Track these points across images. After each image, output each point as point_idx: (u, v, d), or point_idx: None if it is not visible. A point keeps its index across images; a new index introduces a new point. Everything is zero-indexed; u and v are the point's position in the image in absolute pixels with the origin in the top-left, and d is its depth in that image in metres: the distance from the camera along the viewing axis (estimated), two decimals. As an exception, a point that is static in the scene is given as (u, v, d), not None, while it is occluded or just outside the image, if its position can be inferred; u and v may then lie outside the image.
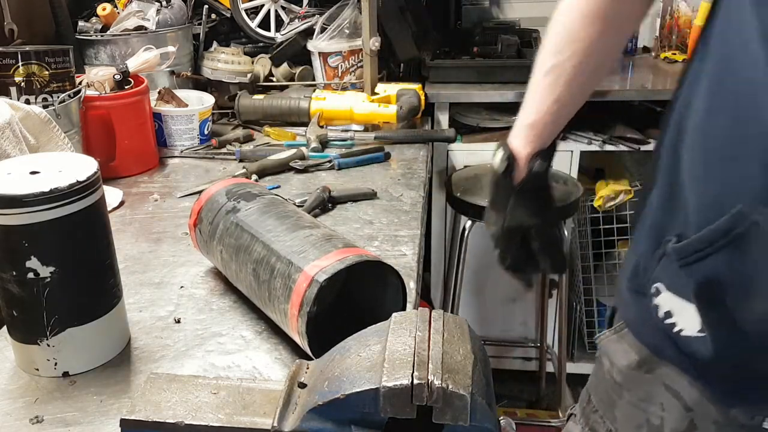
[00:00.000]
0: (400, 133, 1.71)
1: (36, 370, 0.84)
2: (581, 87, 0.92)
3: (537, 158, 0.94)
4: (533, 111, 0.93)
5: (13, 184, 0.76)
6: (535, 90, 0.93)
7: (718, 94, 0.72)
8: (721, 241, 0.70)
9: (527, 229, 0.96)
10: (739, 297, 0.72)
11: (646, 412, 0.91)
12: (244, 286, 0.94)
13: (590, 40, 0.88)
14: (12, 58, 1.32)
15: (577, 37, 0.88)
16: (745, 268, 0.70)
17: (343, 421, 0.57)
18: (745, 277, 0.70)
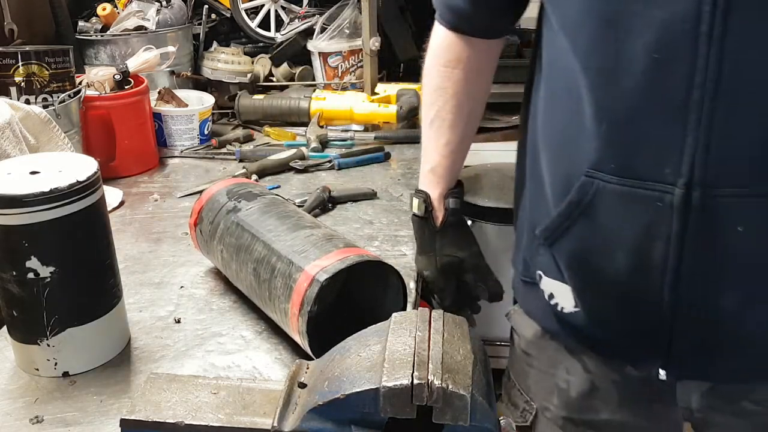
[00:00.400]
0: (400, 133, 1.71)
1: (36, 370, 0.84)
2: (464, 127, 1.02)
3: (449, 196, 1.03)
4: (430, 158, 1.04)
5: (13, 184, 0.76)
6: (427, 140, 1.05)
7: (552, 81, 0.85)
8: (575, 213, 0.80)
9: (459, 263, 1.02)
10: (597, 261, 0.81)
11: (554, 377, 0.99)
12: (244, 285, 0.94)
13: (455, 88, 1.00)
14: (12, 58, 1.32)
15: (443, 86, 1.01)
16: (596, 233, 0.79)
17: (343, 421, 0.57)
18: (599, 241, 0.80)
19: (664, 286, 0.77)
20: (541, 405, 1.01)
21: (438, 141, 1.03)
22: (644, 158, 0.73)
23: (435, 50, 1.02)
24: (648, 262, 0.77)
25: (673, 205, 0.72)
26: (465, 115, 1.02)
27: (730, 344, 0.80)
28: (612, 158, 0.74)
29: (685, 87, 0.68)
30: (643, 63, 0.69)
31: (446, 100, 1.01)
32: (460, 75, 1.00)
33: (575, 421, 0.98)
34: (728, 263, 0.74)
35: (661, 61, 0.68)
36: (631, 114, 0.72)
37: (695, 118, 0.68)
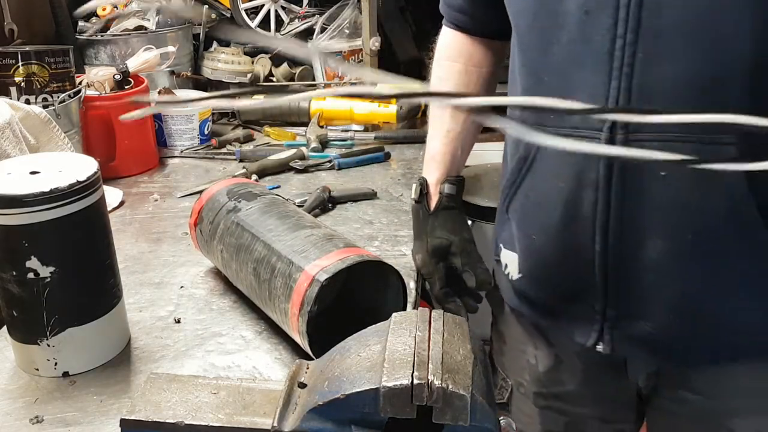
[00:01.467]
0: (400, 133, 1.71)
1: (36, 370, 0.84)
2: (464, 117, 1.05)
3: (445, 182, 1.05)
4: (431, 146, 1.08)
5: (13, 184, 0.76)
6: (431, 129, 1.08)
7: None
8: (523, 169, 0.87)
9: (448, 247, 1.02)
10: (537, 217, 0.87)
11: (525, 353, 1.04)
12: (244, 285, 0.94)
13: (455, 79, 1.05)
14: (12, 58, 1.32)
15: (444, 78, 1.06)
16: (538, 187, 0.86)
17: (343, 421, 0.57)
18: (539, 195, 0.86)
19: (595, 236, 0.81)
20: (515, 381, 1.06)
21: (440, 129, 1.05)
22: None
23: (439, 48, 1.08)
24: (580, 212, 0.81)
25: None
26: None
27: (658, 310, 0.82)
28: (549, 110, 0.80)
29: (610, 38, 0.74)
30: (576, 17, 0.76)
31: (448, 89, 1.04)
32: (460, 67, 1.05)
33: (544, 395, 1.03)
34: (652, 210, 0.77)
35: (591, 14, 0.75)
36: (566, 67, 0.78)
37: (618, 65, 0.74)
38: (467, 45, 1.04)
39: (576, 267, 0.85)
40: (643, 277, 0.81)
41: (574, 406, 1.02)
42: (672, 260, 0.79)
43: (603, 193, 0.79)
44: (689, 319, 0.82)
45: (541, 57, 0.81)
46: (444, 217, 1.04)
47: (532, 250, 0.90)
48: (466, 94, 0.43)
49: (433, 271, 1.02)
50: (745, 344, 0.84)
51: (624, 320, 0.85)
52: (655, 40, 0.72)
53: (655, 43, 0.72)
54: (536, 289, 0.93)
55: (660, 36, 0.72)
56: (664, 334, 0.83)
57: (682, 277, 0.80)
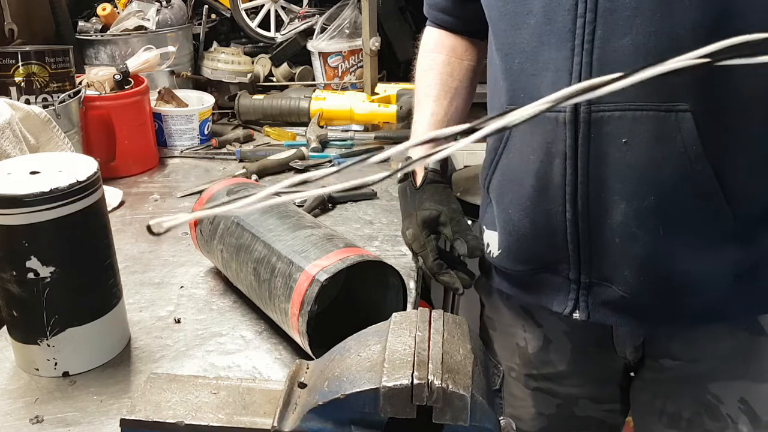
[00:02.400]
0: (400, 133, 1.71)
1: (36, 370, 0.84)
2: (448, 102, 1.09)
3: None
4: (415, 129, 1.11)
5: (13, 184, 0.76)
6: (416, 115, 1.12)
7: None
8: (500, 149, 0.92)
9: (437, 217, 1.02)
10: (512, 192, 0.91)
11: (514, 336, 1.06)
12: (244, 285, 0.94)
13: (438, 68, 1.10)
14: (12, 58, 1.32)
15: (428, 67, 1.12)
16: (512, 163, 0.91)
17: (343, 421, 0.57)
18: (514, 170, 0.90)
19: (565, 203, 0.85)
20: (506, 366, 1.07)
21: (423, 113, 1.09)
22: (545, 84, 0.83)
23: (424, 43, 1.15)
24: (550, 182, 0.86)
25: (565, 122, 0.82)
26: (449, 90, 1.09)
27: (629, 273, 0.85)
28: (521, 90, 0.87)
29: (571, 17, 0.80)
30: (542, 2, 0.82)
31: (431, 77, 1.10)
32: (443, 57, 1.10)
33: (535, 377, 1.06)
34: (615, 175, 0.81)
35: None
36: (534, 47, 0.84)
37: (579, 42, 0.80)
38: (450, 39, 1.11)
39: (549, 236, 0.88)
40: (610, 241, 0.84)
41: (564, 386, 1.04)
42: (636, 223, 0.82)
43: (570, 161, 0.83)
44: (656, 281, 0.85)
45: (511, 41, 0.87)
46: (431, 191, 1.05)
47: (509, 226, 0.94)
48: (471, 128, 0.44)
49: (425, 243, 1.01)
50: (709, 307, 0.87)
51: (596, 286, 0.88)
52: (611, 16, 0.77)
53: (612, 20, 0.77)
54: (514, 262, 0.96)
55: (615, 12, 0.77)
56: (635, 297, 0.86)
57: (645, 240, 0.83)
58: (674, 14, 0.75)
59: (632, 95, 0.78)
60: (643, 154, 0.79)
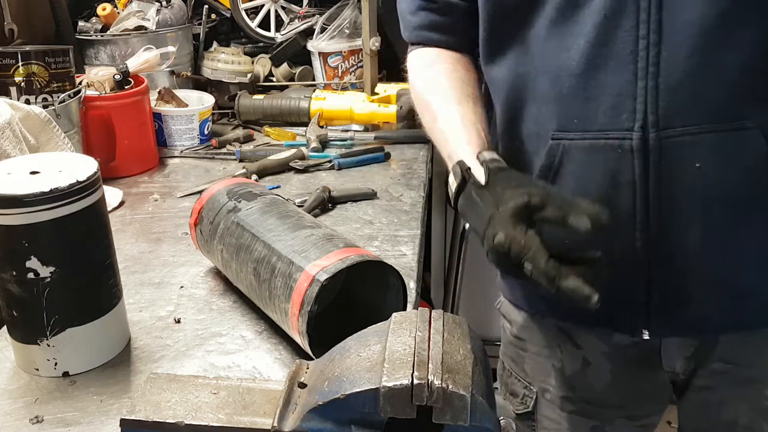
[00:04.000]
0: (400, 133, 1.71)
1: (36, 370, 0.84)
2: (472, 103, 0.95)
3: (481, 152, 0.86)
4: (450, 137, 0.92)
5: (13, 184, 0.76)
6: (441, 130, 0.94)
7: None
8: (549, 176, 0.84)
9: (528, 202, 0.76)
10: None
11: (549, 358, 1.00)
12: (244, 285, 0.94)
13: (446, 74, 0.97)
14: (12, 58, 1.32)
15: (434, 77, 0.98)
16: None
17: (343, 421, 0.57)
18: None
19: (635, 233, 0.81)
20: (540, 388, 1.03)
21: (452, 118, 0.93)
22: (602, 109, 0.79)
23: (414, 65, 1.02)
24: (617, 212, 0.79)
25: (632, 150, 0.78)
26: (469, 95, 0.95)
27: (701, 290, 0.84)
28: (574, 115, 0.81)
29: (632, 39, 0.76)
30: (594, 21, 0.77)
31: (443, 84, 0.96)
32: (449, 66, 0.99)
33: (572, 399, 1.00)
34: (691, 201, 0.79)
35: (609, 19, 0.77)
36: (585, 70, 0.79)
37: (643, 66, 0.76)
38: (449, 54, 0.99)
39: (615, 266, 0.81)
40: (683, 263, 0.83)
41: (602, 408, 1.00)
42: (709, 243, 0.81)
43: (641, 189, 0.79)
44: (725, 294, 0.84)
45: (560, 62, 0.81)
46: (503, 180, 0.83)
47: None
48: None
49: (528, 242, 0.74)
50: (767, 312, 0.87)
51: (664, 306, 0.86)
52: (677, 36, 0.75)
53: (678, 41, 0.75)
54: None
55: (681, 32, 0.74)
56: (703, 312, 0.85)
57: (718, 259, 0.82)
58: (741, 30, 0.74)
59: (701, 117, 0.76)
60: (714, 175, 0.78)
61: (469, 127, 0.90)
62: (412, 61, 1.04)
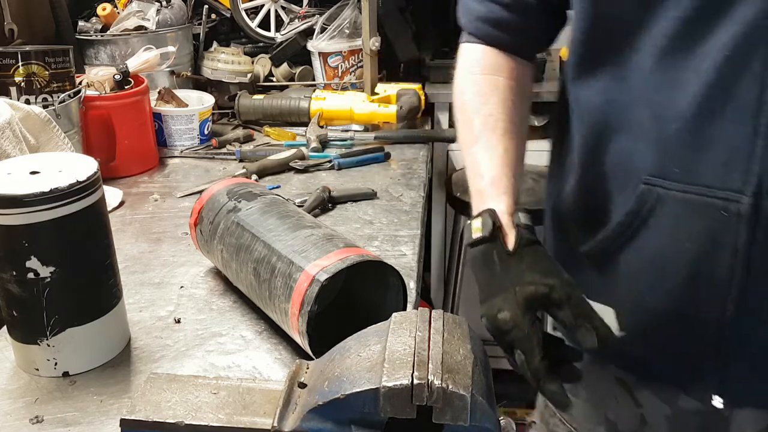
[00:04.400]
0: (400, 133, 1.71)
1: (36, 370, 0.84)
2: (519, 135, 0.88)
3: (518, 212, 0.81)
4: (486, 171, 0.84)
5: (13, 184, 0.76)
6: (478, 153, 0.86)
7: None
8: (634, 224, 0.76)
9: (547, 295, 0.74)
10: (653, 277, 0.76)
11: (603, 409, 0.93)
12: (244, 285, 0.94)
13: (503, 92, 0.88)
14: (12, 58, 1.32)
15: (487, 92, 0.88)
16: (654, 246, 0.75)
17: (343, 421, 0.57)
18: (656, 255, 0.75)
19: (727, 300, 0.73)
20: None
21: (494, 151, 0.85)
22: (710, 163, 0.69)
23: (467, 64, 0.92)
24: (710, 276, 0.73)
25: (740, 215, 0.69)
26: (516, 124, 0.88)
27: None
28: (675, 163, 0.72)
29: (759, 87, 0.65)
30: (715, 60, 0.66)
31: (493, 105, 0.88)
32: (504, 81, 0.89)
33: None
34: None
35: (734, 59, 0.66)
36: (695, 114, 0.69)
37: (766, 121, 0.65)
38: (507, 61, 0.90)
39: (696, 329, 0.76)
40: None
41: None
42: None
43: (742, 257, 0.71)
44: None
45: (667, 102, 0.71)
46: (532, 257, 0.78)
47: (641, 310, 0.79)
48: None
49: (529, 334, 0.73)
50: None
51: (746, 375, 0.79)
52: None
53: None
54: (640, 347, 0.82)
55: None
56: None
57: None
58: None
59: None
60: None
61: (508, 172, 0.84)
62: (466, 57, 0.93)
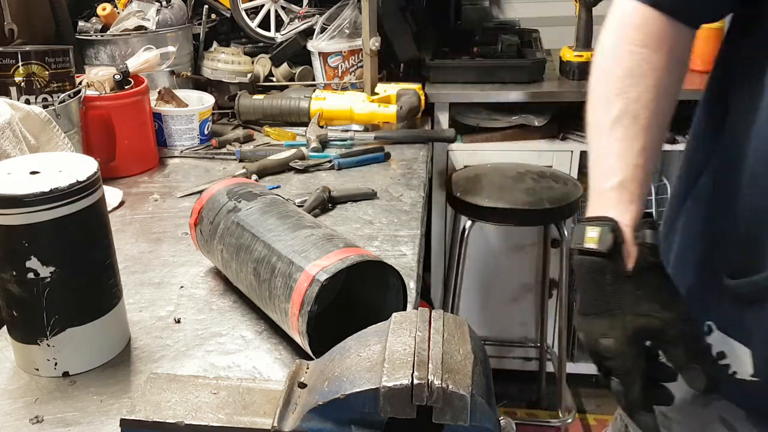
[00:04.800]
0: (400, 133, 1.71)
1: (36, 370, 0.84)
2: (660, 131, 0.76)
3: (645, 227, 0.73)
4: (617, 169, 0.74)
5: (13, 184, 0.76)
6: (608, 145, 0.75)
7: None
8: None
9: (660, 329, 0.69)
10: None
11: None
12: (244, 285, 0.94)
13: (656, 76, 0.75)
14: (12, 58, 1.32)
15: (639, 72, 0.75)
16: None
17: (343, 421, 0.57)
18: None
19: None
20: None
21: (631, 146, 0.74)
22: None
23: (623, 27, 0.78)
24: None
25: None
26: (663, 114, 0.77)
27: None
28: None
29: None
30: None
31: (643, 90, 0.75)
32: (663, 60, 0.75)
33: None
34: None
35: None
36: None
37: None
38: (670, 30, 0.76)
39: None
40: None
41: None
42: None
43: None
44: None
45: None
46: (651, 283, 0.71)
47: None
48: None
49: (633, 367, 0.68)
50: None
51: None
52: None
53: None
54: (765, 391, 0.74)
55: None
56: None
57: None
58: None
59: None
60: None
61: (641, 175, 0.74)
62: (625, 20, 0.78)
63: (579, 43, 2.06)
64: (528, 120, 2.08)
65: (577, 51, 2.05)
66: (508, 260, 2.19)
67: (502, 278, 2.21)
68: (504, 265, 2.20)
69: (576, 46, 2.06)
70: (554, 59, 2.20)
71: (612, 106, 0.76)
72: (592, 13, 2.02)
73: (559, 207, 1.83)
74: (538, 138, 2.11)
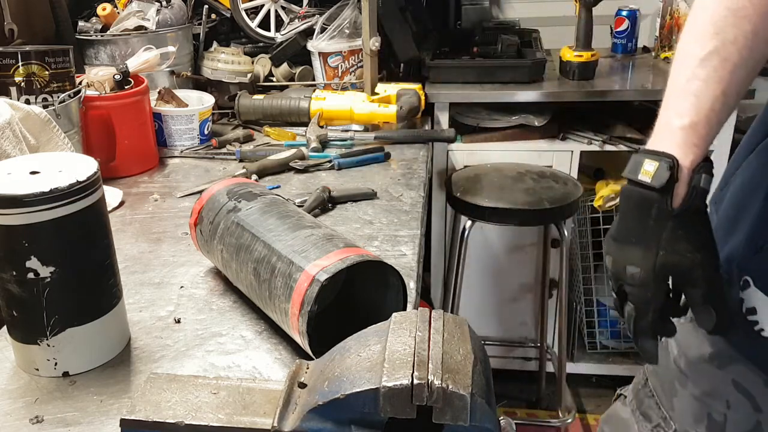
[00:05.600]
0: (400, 133, 1.71)
1: (36, 370, 0.84)
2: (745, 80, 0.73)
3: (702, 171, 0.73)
4: (692, 109, 0.72)
5: (13, 184, 0.76)
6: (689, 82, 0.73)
7: None
8: None
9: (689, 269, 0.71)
10: None
11: (709, 406, 0.88)
12: (244, 285, 0.94)
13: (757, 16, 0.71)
14: (12, 58, 1.32)
15: (741, 11, 0.71)
16: None
17: (343, 421, 0.57)
18: None
19: None
20: (682, 428, 0.92)
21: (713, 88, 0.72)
22: None
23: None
24: None
25: None
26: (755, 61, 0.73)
27: None
28: None
29: None
30: None
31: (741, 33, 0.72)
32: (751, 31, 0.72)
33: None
34: None
35: None
36: None
37: None
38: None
39: None
40: None
41: None
42: None
43: None
44: None
45: None
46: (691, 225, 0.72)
47: None
48: None
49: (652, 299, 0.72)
50: None
51: None
52: None
53: None
54: None
55: None
56: None
57: None
58: None
59: None
60: None
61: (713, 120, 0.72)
62: None
63: (579, 43, 2.05)
64: (528, 120, 2.08)
65: (577, 51, 2.05)
66: (508, 260, 2.19)
67: (502, 278, 2.22)
68: (504, 265, 2.20)
69: (576, 46, 2.06)
70: (554, 59, 2.20)
71: (707, 42, 0.73)
72: (592, 13, 2.02)
73: (559, 207, 1.83)
74: (538, 138, 2.11)
